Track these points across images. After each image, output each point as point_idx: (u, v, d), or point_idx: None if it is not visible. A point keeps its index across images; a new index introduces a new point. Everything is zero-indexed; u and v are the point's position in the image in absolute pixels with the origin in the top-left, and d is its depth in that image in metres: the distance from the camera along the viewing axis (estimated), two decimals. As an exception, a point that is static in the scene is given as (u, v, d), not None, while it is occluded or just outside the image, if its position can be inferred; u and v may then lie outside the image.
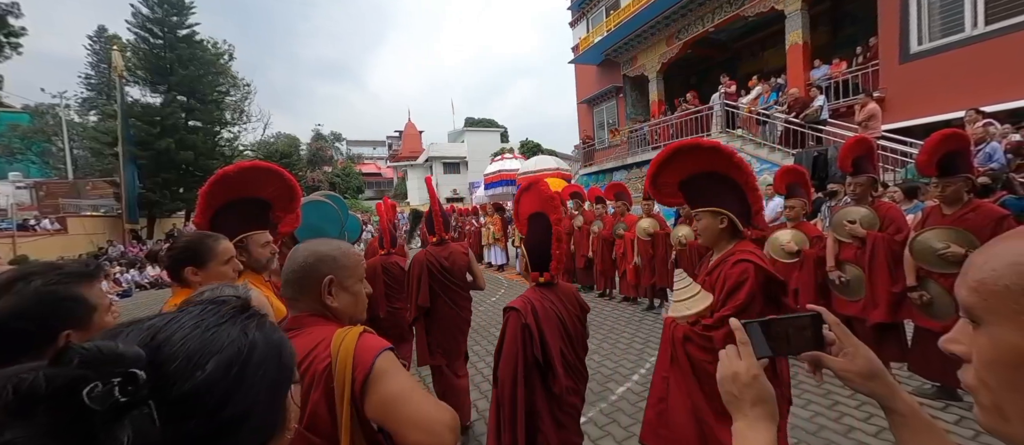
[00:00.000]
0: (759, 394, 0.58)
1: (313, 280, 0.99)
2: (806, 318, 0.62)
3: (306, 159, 36.03)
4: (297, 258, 1.01)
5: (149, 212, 16.05)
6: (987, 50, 6.47)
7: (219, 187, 1.63)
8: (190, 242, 1.38)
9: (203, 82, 17.26)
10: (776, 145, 8.29)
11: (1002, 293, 0.37)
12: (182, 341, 0.39)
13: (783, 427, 1.72)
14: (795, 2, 8.87)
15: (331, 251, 1.03)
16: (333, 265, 1.01)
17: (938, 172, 2.38)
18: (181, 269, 1.34)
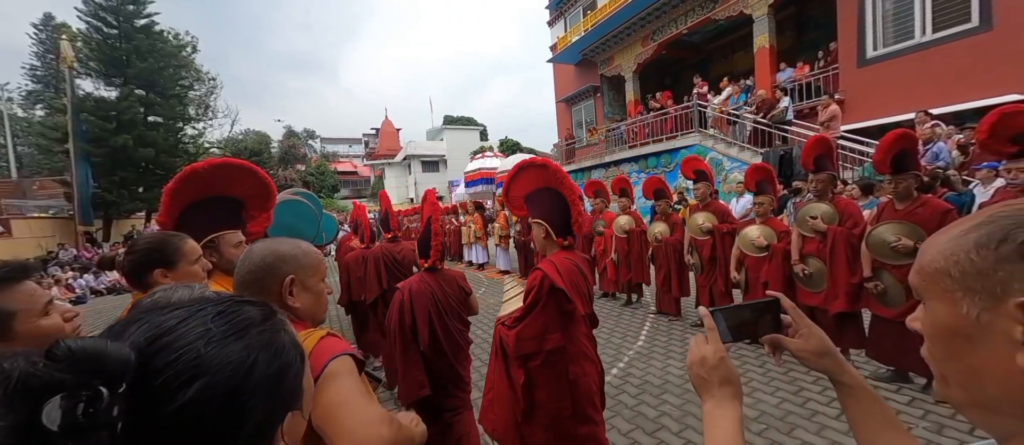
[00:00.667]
0: (725, 375, 0.63)
1: (274, 280, 0.95)
2: (766, 304, 0.68)
3: (278, 157, 34.76)
4: (254, 257, 0.96)
5: (105, 213, 15.04)
6: (934, 56, 6.96)
7: (188, 184, 1.54)
8: (155, 242, 1.31)
9: (163, 75, 16.31)
10: (745, 144, 8.63)
11: (933, 275, 0.44)
12: (179, 352, 0.37)
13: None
14: (762, 7, 9.25)
15: (291, 249, 1.00)
16: (294, 264, 0.97)
17: (892, 170, 2.54)
18: (148, 272, 1.26)
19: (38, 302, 0.88)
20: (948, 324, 0.42)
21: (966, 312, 0.40)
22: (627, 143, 11.76)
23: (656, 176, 5.03)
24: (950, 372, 0.44)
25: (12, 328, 0.82)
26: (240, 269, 0.96)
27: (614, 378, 3.34)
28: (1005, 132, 2.03)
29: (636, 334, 4.34)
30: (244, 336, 0.41)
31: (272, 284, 0.94)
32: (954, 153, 5.38)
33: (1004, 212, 0.41)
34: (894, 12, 7.48)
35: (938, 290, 0.43)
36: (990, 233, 0.40)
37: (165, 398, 0.35)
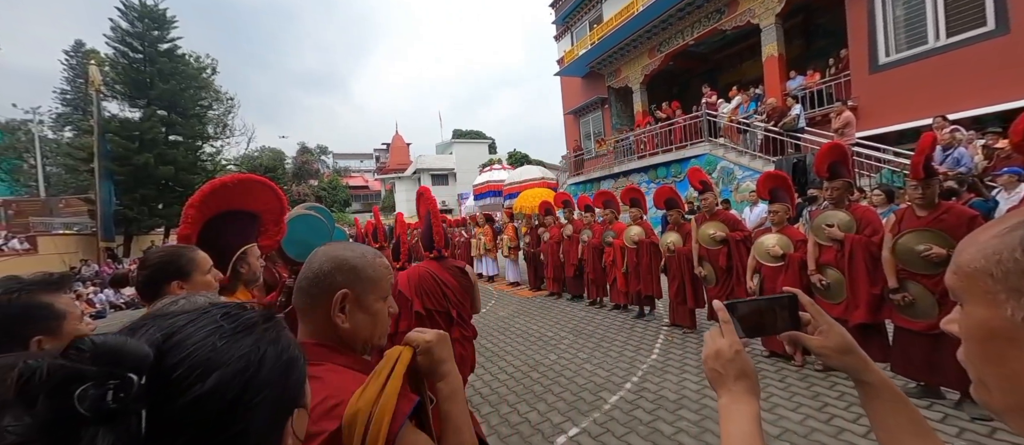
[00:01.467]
0: (742, 369, 0.60)
1: (324, 292, 0.79)
2: (784, 299, 0.64)
3: (292, 173, 35.55)
4: (313, 263, 0.82)
5: (126, 229, 15.52)
6: (949, 61, 6.83)
7: (214, 198, 1.59)
8: (168, 255, 1.33)
9: (184, 96, 16.96)
10: (756, 153, 8.53)
11: (973, 274, 0.41)
12: (193, 347, 0.38)
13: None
14: (769, 16, 9.25)
15: (352, 258, 0.83)
16: (352, 276, 0.81)
17: (925, 174, 2.46)
18: (163, 285, 1.28)
19: (76, 309, 0.94)
20: (990, 326, 0.40)
21: (1010, 314, 0.38)
22: (636, 154, 11.72)
23: (667, 186, 4.98)
24: (990, 376, 0.42)
25: (61, 327, 0.88)
26: (301, 275, 0.83)
27: (627, 393, 3.26)
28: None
29: (650, 347, 4.24)
30: (252, 332, 0.42)
31: (323, 297, 0.79)
32: (977, 158, 5.22)
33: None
34: (905, 17, 7.41)
35: (979, 291, 0.41)
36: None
37: (182, 391, 0.36)
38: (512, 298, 7.53)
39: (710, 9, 10.49)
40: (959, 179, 3.91)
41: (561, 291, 7.10)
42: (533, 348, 4.53)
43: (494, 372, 3.95)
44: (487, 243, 9.64)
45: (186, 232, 1.53)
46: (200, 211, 1.55)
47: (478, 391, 3.56)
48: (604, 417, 2.94)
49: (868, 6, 7.74)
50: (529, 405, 3.22)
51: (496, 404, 3.29)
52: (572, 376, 3.67)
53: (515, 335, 5.09)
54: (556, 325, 5.37)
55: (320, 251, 0.85)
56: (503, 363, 4.16)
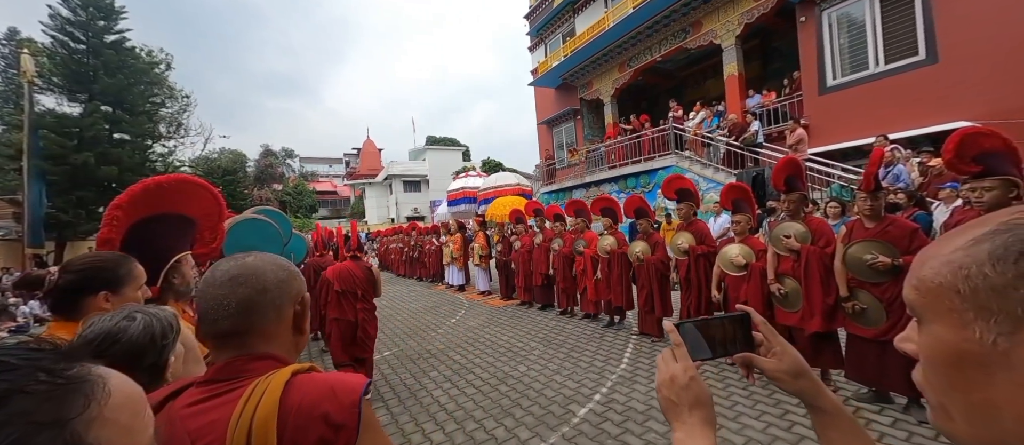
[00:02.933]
0: (697, 397, 0.57)
1: (287, 303, 0.73)
2: (736, 318, 0.62)
3: (253, 176, 33.82)
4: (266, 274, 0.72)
5: (59, 234, 14.06)
6: (887, 85, 7.45)
7: (145, 199, 1.41)
8: (106, 262, 1.15)
9: (133, 92, 15.72)
10: (719, 165, 8.91)
11: (937, 291, 0.37)
12: None
13: None
14: (730, 38, 9.77)
15: (289, 264, 0.79)
16: (302, 282, 0.78)
17: (874, 188, 2.60)
18: (89, 296, 1.10)
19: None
20: (956, 349, 0.36)
21: (979, 336, 0.34)
22: (607, 164, 11.97)
23: (637, 195, 5.07)
24: (955, 404, 0.37)
25: None
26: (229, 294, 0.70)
27: (596, 405, 3.21)
28: (968, 152, 2.11)
29: (619, 357, 4.24)
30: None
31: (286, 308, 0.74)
32: (913, 175, 5.66)
33: (1021, 219, 0.35)
34: (850, 45, 8.03)
35: (943, 309, 0.37)
36: (1008, 243, 0.34)
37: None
38: (483, 308, 7.39)
39: (676, 29, 10.97)
40: (908, 194, 4.20)
41: (532, 300, 7.04)
42: (502, 360, 4.42)
43: (461, 386, 3.80)
44: (455, 252, 9.46)
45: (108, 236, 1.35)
46: (127, 213, 1.37)
47: (443, 406, 3.40)
48: (573, 431, 2.87)
49: (817, 33, 8.34)
50: (496, 421, 3.10)
51: (462, 420, 3.15)
52: (541, 389, 3.59)
53: (484, 347, 4.96)
54: (526, 335, 5.29)
55: (253, 262, 0.75)
56: (471, 376, 4.02)
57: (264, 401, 0.61)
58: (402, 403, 3.54)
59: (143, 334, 0.83)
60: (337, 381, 0.67)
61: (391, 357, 4.87)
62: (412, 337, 5.71)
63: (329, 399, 0.63)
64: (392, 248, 14.91)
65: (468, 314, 6.94)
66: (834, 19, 8.17)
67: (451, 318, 6.70)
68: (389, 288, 11.02)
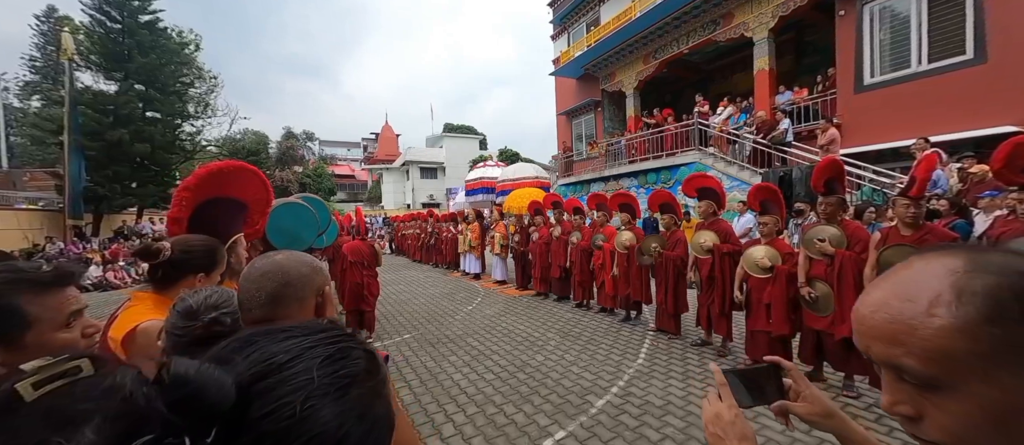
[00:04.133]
0: (742, 432, 0.62)
1: (309, 295, 0.85)
2: (770, 368, 0.68)
3: (275, 158, 34.60)
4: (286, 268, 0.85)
5: (96, 207, 14.78)
6: (930, 86, 7.10)
7: (209, 183, 1.52)
8: (214, 246, 1.28)
9: (165, 72, 16.22)
10: (745, 163, 8.70)
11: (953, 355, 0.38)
12: (278, 403, 0.32)
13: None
14: (762, 30, 9.43)
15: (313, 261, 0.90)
16: (323, 277, 0.89)
17: (918, 192, 2.52)
18: (189, 275, 1.22)
19: (62, 313, 0.80)
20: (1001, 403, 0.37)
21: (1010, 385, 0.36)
22: (627, 158, 11.82)
23: (665, 190, 5.03)
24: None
25: (23, 339, 0.74)
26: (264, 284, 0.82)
27: (614, 398, 3.26)
28: (1019, 161, 2.03)
29: (636, 352, 4.27)
30: (343, 396, 0.36)
31: (309, 299, 0.85)
32: (952, 181, 5.44)
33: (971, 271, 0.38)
34: (891, 41, 7.65)
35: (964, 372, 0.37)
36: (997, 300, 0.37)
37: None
38: (499, 297, 7.49)
39: (706, 20, 10.64)
40: (950, 201, 4.04)
41: (548, 292, 7.10)
42: (520, 349, 4.50)
43: (480, 372, 3.90)
44: (473, 240, 9.55)
45: (178, 215, 1.46)
46: (194, 194, 1.48)
47: (463, 390, 3.51)
48: (591, 421, 2.93)
49: (856, 27, 7.97)
50: (516, 406, 3.19)
51: (482, 404, 3.25)
52: (558, 378, 3.66)
53: (501, 335, 5.05)
54: (543, 326, 5.36)
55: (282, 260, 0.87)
56: (489, 363, 4.12)
57: None
58: (424, 385, 3.66)
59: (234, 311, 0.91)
60: None
61: (411, 340, 5.01)
62: (430, 322, 5.85)
63: None
64: (408, 234, 15.14)
65: (484, 302, 7.05)
66: (876, 13, 7.79)
67: (468, 305, 6.83)
68: (406, 273, 11.24)
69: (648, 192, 9.82)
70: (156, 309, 1.14)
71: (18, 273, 0.76)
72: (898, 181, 6.48)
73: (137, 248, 1.27)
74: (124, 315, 1.19)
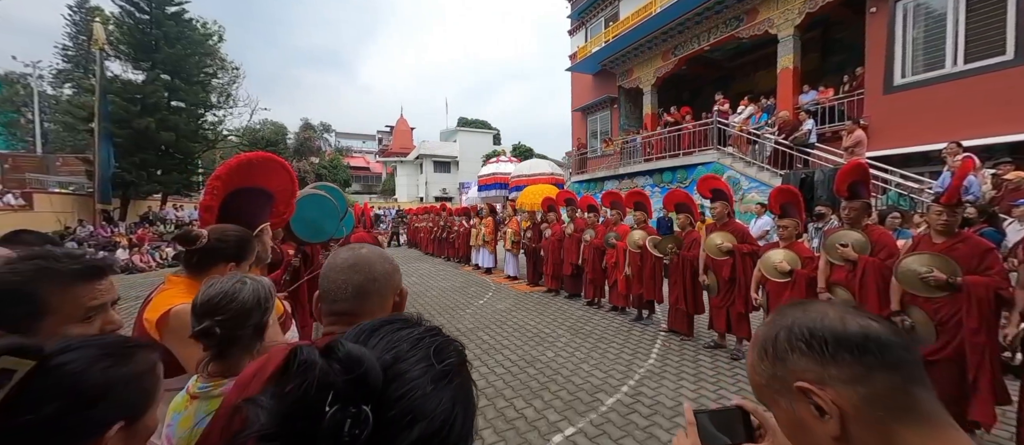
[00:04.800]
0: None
1: (391, 291, 0.86)
2: (737, 411, 0.70)
3: (293, 148, 35.26)
4: (374, 265, 0.85)
5: (123, 193, 15.35)
6: (965, 87, 6.79)
7: (239, 173, 1.58)
8: (248, 236, 1.32)
9: (189, 62, 16.66)
10: (764, 165, 8.50)
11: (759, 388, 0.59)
12: (410, 386, 0.36)
13: None
14: (788, 27, 9.15)
15: (393, 259, 0.91)
16: (400, 277, 0.91)
17: (949, 199, 2.43)
18: (221, 263, 1.26)
19: (81, 307, 0.80)
20: (788, 420, 0.55)
21: (786, 407, 0.53)
22: (643, 156, 11.67)
23: (681, 190, 4.97)
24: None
25: (36, 327, 0.75)
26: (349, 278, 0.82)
27: (624, 396, 3.26)
28: None
29: (647, 352, 4.25)
30: (452, 383, 0.40)
31: (388, 297, 0.86)
32: (985, 187, 5.22)
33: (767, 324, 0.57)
34: (925, 40, 7.34)
35: (769, 397, 0.56)
36: (761, 346, 0.56)
37: (390, 437, 0.34)
38: (510, 291, 7.53)
39: (729, 16, 10.37)
40: (979, 207, 3.89)
41: (559, 288, 7.10)
42: (530, 344, 4.53)
43: (491, 366, 3.95)
44: (487, 235, 9.60)
45: (209, 203, 1.51)
46: (225, 184, 1.54)
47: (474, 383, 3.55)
48: (601, 419, 2.94)
49: (888, 25, 7.66)
50: (526, 401, 3.22)
51: (493, 398, 3.29)
52: (569, 375, 3.67)
53: (512, 330, 5.08)
54: (553, 322, 5.37)
55: (366, 253, 0.87)
56: (500, 357, 4.16)
57: None
58: (435, 376, 3.72)
59: (251, 297, 0.94)
60: None
61: (423, 331, 5.09)
62: (442, 314, 5.93)
63: None
64: (421, 227, 15.30)
65: (495, 296, 7.10)
66: (910, 10, 7.47)
67: (479, 299, 6.88)
68: (418, 265, 11.38)
69: (663, 191, 9.71)
70: (189, 293, 1.18)
71: (48, 261, 0.78)
72: (926, 186, 6.25)
73: (177, 234, 1.31)
74: (158, 298, 1.24)
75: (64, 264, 0.79)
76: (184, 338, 1.08)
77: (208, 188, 1.52)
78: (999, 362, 2.35)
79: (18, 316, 0.73)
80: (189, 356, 1.09)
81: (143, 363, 0.57)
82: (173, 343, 1.10)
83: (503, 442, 2.69)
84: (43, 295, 0.75)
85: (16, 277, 0.74)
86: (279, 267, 2.69)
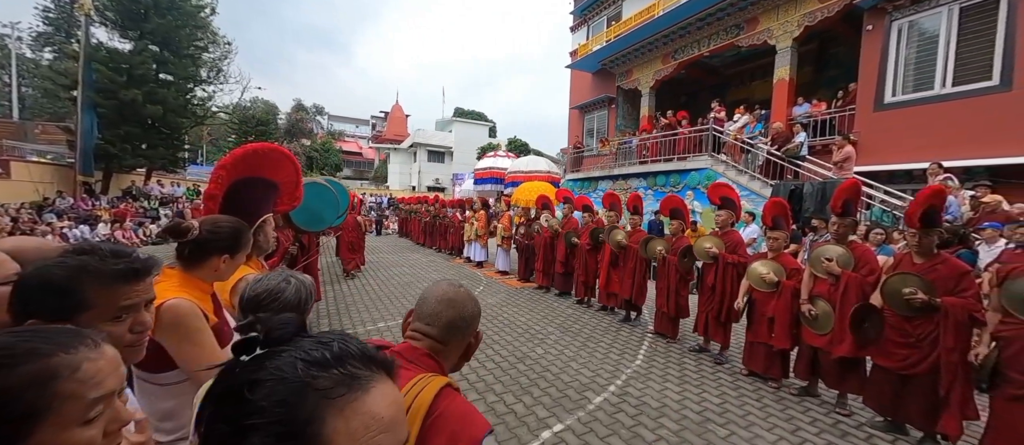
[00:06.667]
0: None
1: (469, 333, 0.96)
2: None
3: (284, 129, 34.56)
4: (466, 306, 0.95)
5: (106, 166, 14.89)
6: (951, 109, 7.00)
7: (245, 162, 1.57)
8: (243, 229, 1.30)
9: (180, 34, 16.14)
10: (755, 174, 8.66)
11: None
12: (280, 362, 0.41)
13: None
14: (786, 39, 9.28)
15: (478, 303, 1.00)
16: (479, 319, 0.99)
17: (921, 224, 2.55)
18: (214, 256, 1.24)
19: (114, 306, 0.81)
20: None
21: None
22: (638, 158, 11.77)
23: (676, 196, 5.06)
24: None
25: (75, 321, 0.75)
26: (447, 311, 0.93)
27: (611, 396, 3.35)
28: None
29: (634, 353, 4.35)
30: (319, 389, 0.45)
31: (469, 335, 0.96)
32: (964, 208, 5.42)
33: None
34: (916, 61, 7.53)
35: None
36: None
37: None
38: (501, 287, 7.58)
39: (730, 23, 10.46)
40: (951, 230, 4.06)
41: (549, 286, 7.18)
42: (520, 340, 4.59)
43: (481, 360, 4.00)
44: (479, 229, 9.61)
45: (213, 192, 1.50)
46: (230, 173, 1.53)
47: (464, 377, 3.60)
48: (588, 417, 3.02)
49: (883, 43, 7.84)
50: (515, 397, 3.28)
51: (483, 392, 3.35)
52: (558, 372, 3.75)
53: (503, 325, 5.14)
54: (543, 319, 5.44)
55: (462, 293, 0.96)
56: (490, 352, 4.21)
57: (423, 394, 0.79)
58: (426, 368, 3.76)
59: (295, 296, 0.96)
60: (471, 413, 0.82)
61: (414, 323, 5.11)
62: (433, 306, 5.95)
63: (461, 423, 0.79)
64: (412, 217, 15.22)
65: (486, 291, 7.14)
66: (905, 30, 7.65)
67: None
68: (409, 256, 11.35)
69: (657, 194, 9.83)
70: (182, 287, 1.17)
71: (93, 259, 0.80)
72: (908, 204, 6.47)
73: (166, 226, 1.28)
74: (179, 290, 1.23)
75: (108, 264, 0.80)
76: (178, 334, 1.07)
77: (213, 176, 1.51)
78: (970, 380, 2.48)
79: (58, 309, 0.75)
80: (184, 353, 1.08)
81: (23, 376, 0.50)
82: (166, 338, 1.07)
83: (492, 436, 2.75)
84: (84, 292, 0.77)
85: (61, 272, 0.76)
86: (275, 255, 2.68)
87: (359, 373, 0.43)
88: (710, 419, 3.02)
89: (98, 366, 0.57)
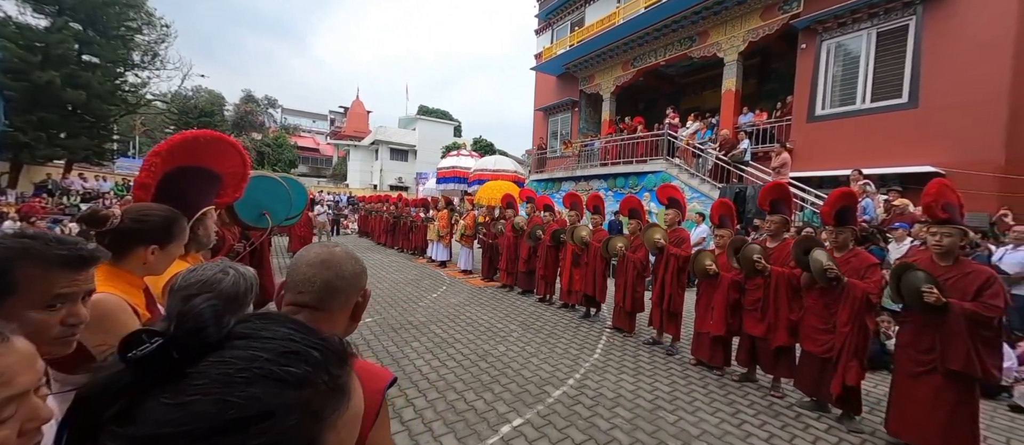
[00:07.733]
0: None
1: (354, 293, 0.88)
2: None
3: (231, 122, 32.24)
4: (344, 264, 0.87)
5: (15, 156, 13.14)
6: (869, 123, 7.87)
7: (182, 150, 1.46)
8: (175, 217, 1.21)
9: (107, 12, 14.56)
10: (705, 177, 9.24)
11: None
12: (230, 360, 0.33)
13: None
14: (733, 52, 9.99)
15: (361, 261, 0.93)
16: (366, 278, 0.92)
17: (834, 222, 2.86)
18: (140, 246, 1.15)
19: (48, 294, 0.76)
20: None
21: None
22: (599, 160, 12.15)
23: (634, 196, 5.29)
24: None
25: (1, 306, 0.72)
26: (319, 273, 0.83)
27: (570, 389, 3.45)
28: (941, 200, 2.39)
29: (593, 347, 4.50)
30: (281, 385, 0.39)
31: (353, 296, 0.88)
32: (879, 210, 6.10)
33: None
34: (842, 78, 8.39)
35: None
36: None
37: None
38: (464, 286, 7.54)
39: (683, 35, 11.09)
40: (867, 232, 4.57)
41: (513, 284, 7.24)
42: (482, 338, 4.60)
43: (442, 359, 3.97)
44: (441, 228, 9.51)
45: (145, 181, 1.38)
46: (164, 161, 1.42)
47: (425, 376, 3.56)
48: (547, 410, 3.09)
49: (814, 61, 8.65)
50: (476, 393, 3.29)
51: (444, 390, 3.32)
52: (519, 368, 3.80)
53: (465, 324, 5.13)
54: (506, 317, 5.49)
55: (339, 252, 0.88)
56: (452, 350, 4.19)
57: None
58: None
59: (233, 288, 0.91)
60: (371, 368, 0.78)
61: (373, 324, 4.97)
62: (393, 307, 5.81)
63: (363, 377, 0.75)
64: (373, 216, 14.75)
65: (449, 290, 7.08)
66: (833, 50, 8.48)
67: (433, 293, 6.82)
68: (369, 256, 10.99)
69: (617, 195, 10.19)
70: (107, 281, 1.09)
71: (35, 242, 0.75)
72: (835, 206, 7.19)
73: (83, 213, 1.18)
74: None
75: (52, 248, 0.76)
76: (103, 331, 1.01)
77: (145, 164, 1.40)
78: (861, 351, 2.82)
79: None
80: (104, 347, 1.02)
81: None
82: (88, 336, 0.99)
83: (452, 433, 2.74)
84: (13, 274, 0.72)
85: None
86: (219, 252, 2.51)
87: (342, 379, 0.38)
88: (661, 407, 3.19)
89: (7, 362, 0.51)
